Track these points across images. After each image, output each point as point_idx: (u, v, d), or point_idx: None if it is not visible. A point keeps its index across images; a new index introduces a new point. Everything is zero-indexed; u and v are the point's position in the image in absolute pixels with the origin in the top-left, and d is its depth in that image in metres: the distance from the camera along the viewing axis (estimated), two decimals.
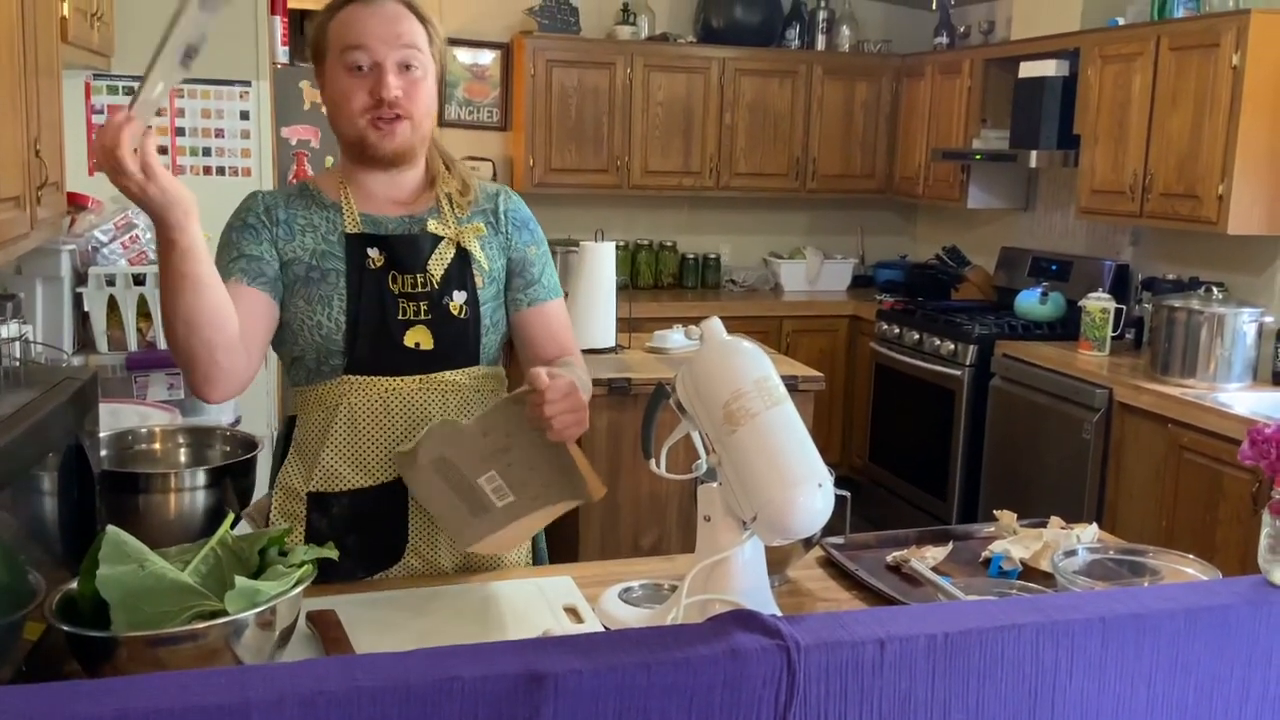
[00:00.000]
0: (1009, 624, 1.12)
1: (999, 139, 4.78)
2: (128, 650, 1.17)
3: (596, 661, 0.99)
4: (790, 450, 1.33)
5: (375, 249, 1.67)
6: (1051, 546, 1.79)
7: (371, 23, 1.62)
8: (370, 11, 1.64)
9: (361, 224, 1.69)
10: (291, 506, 1.70)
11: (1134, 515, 3.55)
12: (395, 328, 1.66)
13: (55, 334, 2.75)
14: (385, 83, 1.61)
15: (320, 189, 1.73)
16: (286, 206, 1.69)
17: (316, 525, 1.68)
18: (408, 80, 1.64)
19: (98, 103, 3.28)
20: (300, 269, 1.66)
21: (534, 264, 1.79)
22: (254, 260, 1.64)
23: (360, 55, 1.62)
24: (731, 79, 5.35)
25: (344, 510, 1.68)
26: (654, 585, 1.65)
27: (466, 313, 1.70)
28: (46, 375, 1.49)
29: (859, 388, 5.31)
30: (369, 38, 1.62)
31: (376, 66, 1.62)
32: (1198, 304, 3.54)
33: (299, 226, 1.68)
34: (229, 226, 1.70)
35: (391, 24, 1.63)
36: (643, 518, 3.36)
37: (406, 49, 1.63)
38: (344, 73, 1.63)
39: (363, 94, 1.62)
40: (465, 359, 1.71)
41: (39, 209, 2.18)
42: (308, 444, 1.70)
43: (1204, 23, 3.65)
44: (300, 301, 1.65)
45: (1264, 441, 1.28)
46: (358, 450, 1.68)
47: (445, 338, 1.69)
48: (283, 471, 1.72)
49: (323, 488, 1.68)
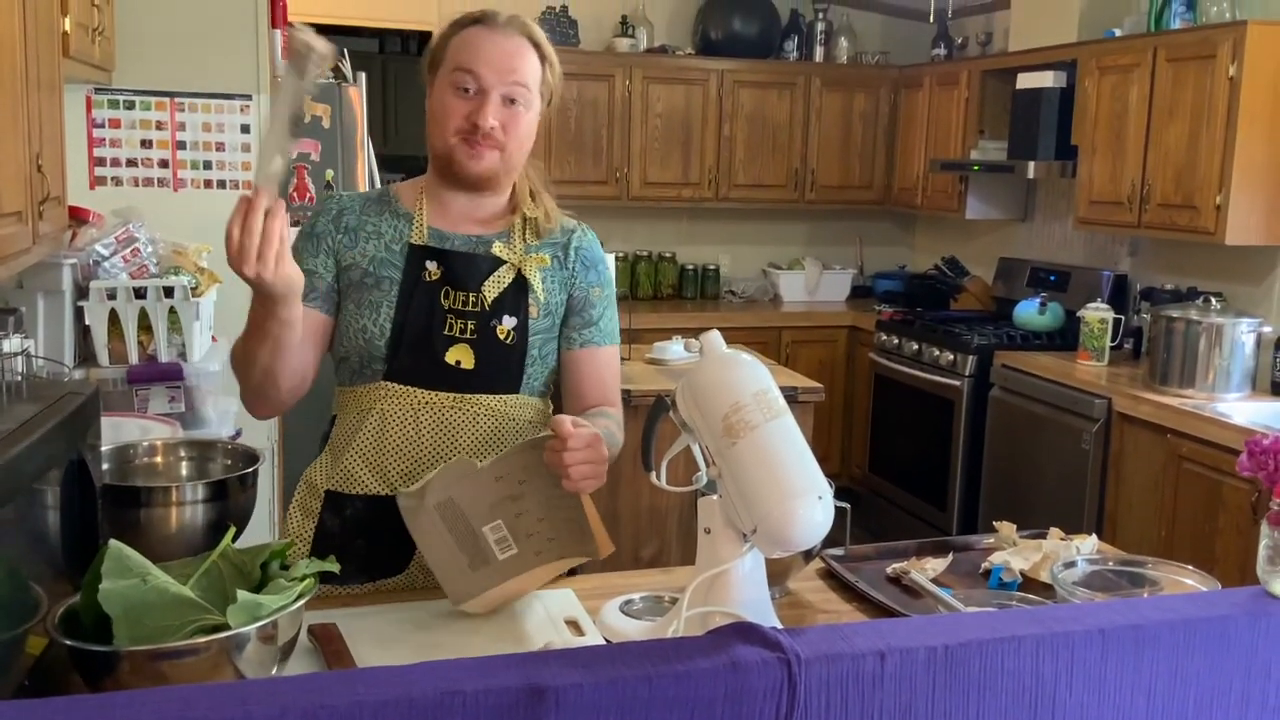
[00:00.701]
0: (1009, 636, 1.13)
1: (997, 150, 4.79)
2: (130, 664, 1.17)
3: (598, 675, 0.99)
4: (790, 463, 1.33)
5: (434, 262, 1.69)
6: (1051, 558, 1.79)
7: (488, 50, 1.65)
8: (491, 38, 1.66)
9: (428, 236, 1.71)
10: (310, 501, 1.73)
11: (1133, 525, 3.55)
12: (439, 342, 1.67)
13: (56, 348, 2.75)
14: (485, 112, 1.63)
15: (398, 197, 1.76)
16: (360, 212, 1.73)
17: (328, 524, 1.71)
18: (509, 113, 1.66)
19: (98, 116, 3.29)
20: (356, 274, 1.69)
21: (594, 305, 1.78)
22: (310, 275, 1.66)
23: (468, 79, 1.64)
24: (730, 90, 5.37)
25: (356, 513, 1.70)
26: (654, 598, 1.65)
27: (514, 339, 1.70)
28: (49, 390, 1.50)
29: (858, 398, 5.31)
30: (481, 65, 1.64)
31: (481, 93, 1.64)
32: (1196, 314, 3.55)
33: (366, 233, 1.71)
34: (301, 229, 1.74)
35: (508, 56, 1.65)
36: (642, 530, 3.37)
37: (515, 85, 1.65)
38: (450, 90, 1.65)
39: (460, 115, 1.64)
40: (506, 385, 1.71)
41: (41, 224, 2.18)
42: (339, 442, 1.73)
43: (1200, 34, 3.67)
44: (351, 305, 1.69)
45: (1262, 453, 1.29)
46: (380, 457, 1.69)
47: (487, 360, 1.69)
48: (311, 465, 1.75)
49: (340, 487, 1.70)
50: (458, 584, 1.57)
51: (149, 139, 3.33)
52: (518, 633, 1.55)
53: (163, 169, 3.35)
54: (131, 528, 1.55)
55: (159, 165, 3.35)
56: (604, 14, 5.44)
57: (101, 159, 3.31)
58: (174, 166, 3.35)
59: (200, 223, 3.32)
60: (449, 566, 1.57)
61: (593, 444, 1.48)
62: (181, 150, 3.36)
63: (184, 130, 3.36)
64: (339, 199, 1.76)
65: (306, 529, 1.72)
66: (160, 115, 3.33)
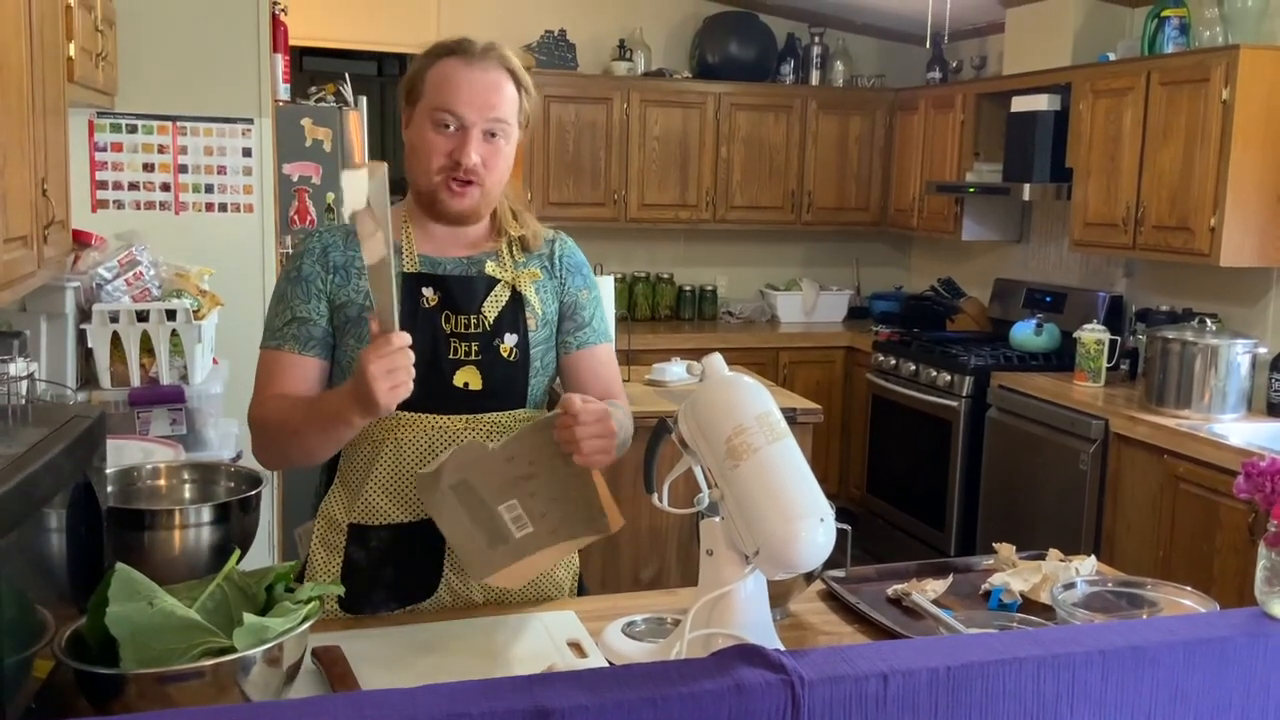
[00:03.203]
0: (1010, 657, 1.14)
1: (992, 172, 4.82)
2: (137, 687, 1.18)
3: (603, 697, 1.00)
4: (792, 485, 1.34)
5: (430, 288, 1.70)
6: (1050, 579, 1.80)
7: (467, 87, 1.64)
8: (469, 74, 1.65)
9: (419, 264, 1.71)
10: (332, 537, 1.73)
11: (1131, 546, 3.55)
12: (446, 367, 1.69)
13: (59, 370, 2.76)
14: (467, 151, 1.64)
15: None
16: (345, 247, 1.72)
17: (355, 557, 1.70)
18: (489, 148, 1.67)
19: (101, 140, 3.31)
20: (353, 310, 1.69)
21: (585, 307, 1.82)
22: (304, 324, 1.69)
23: (449, 118, 1.64)
24: (727, 114, 5.41)
25: (382, 543, 1.70)
26: (657, 619, 1.66)
27: (517, 355, 1.73)
28: (55, 414, 1.51)
29: (856, 419, 5.33)
30: (462, 104, 1.64)
31: (463, 130, 1.65)
32: (1192, 335, 3.57)
33: (356, 269, 1.70)
34: (285, 274, 1.73)
35: (487, 92, 1.65)
36: (643, 551, 3.37)
37: (495, 121, 1.66)
38: (430, 126, 1.66)
39: (443, 153, 1.65)
40: (513, 401, 1.74)
41: (46, 248, 2.20)
42: (352, 476, 1.72)
43: (1194, 58, 3.70)
44: (352, 341, 1.69)
45: (1259, 475, 1.30)
46: (400, 486, 1.70)
47: (494, 379, 1.71)
48: (326, 501, 1.74)
49: (363, 520, 1.70)
50: (477, 560, 1.59)
51: (151, 163, 3.35)
52: (520, 655, 1.56)
53: (165, 192, 3.37)
54: (136, 550, 1.56)
55: (161, 189, 3.37)
56: (602, 37, 5.48)
57: (104, 182, 3.33)
58: (176, 190, 3.37)
59: (202, 246, 3.34)
60: (468, 544, 1.58)
61: (602, 418, 1.52)
62: (183, 174, 3.38)
63: (185, 154, 3.38)
64: (319, 236, 1.75)
65: (333, 564, 1.71)
66: (162, 139, 3.35)
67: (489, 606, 1.74)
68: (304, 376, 1.68)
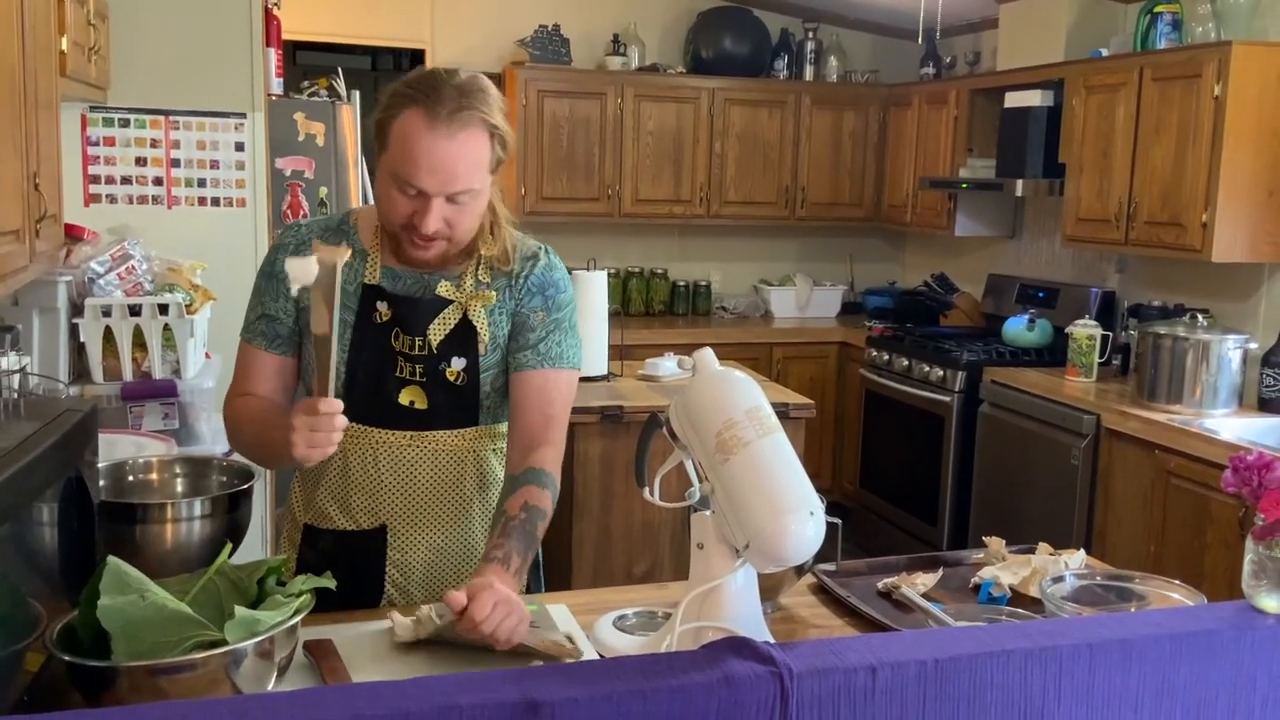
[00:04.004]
0: (998, 650, 1.14)
1: (985, 168, 4.83)
2: (128, 680, 1.18)
3: (593, 689, 1.01)
4: (782, 479, 1.35)
5: (384, 303, 1.69)
6: (1040, 573, 1.81)
7: (428, 161, 1.54)
8: (433, 143, 1.54)
9: (380, 276, 1.70)
10: (291, 533, 1.80)
11: (1122, 540, 3.57)
12: (391, 384, 1.68)
13: (51, 365, 2.75)
14: (426, 221, 1.57)
15: (358, 231, 1.73)
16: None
17: (306, 556, 1.75)
18: (454, 210, 1.59)
19: (93, 134, 3.30)
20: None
21: (533, 329, 1.72)
22: (272, 321, 1.71)
23: (409, 187, 1.57)
24: (721, 109, 5.41)
25: (329, 547, 1.74)
26: (648, 613, 1.66)
27: (464, 380, 1.69)
28: (47, 407, 1.51)
29: (849, 414, 5.33)
30: (423, 177, 1.55)
31: (424, 197, 1.57)
32: (1183, 330, 3.58)
33: None
34: (262, 268, 1.75)
35: (450, 164, 1.55)
36: (635, 545, 3.37)
37: (459, 192, 1.58)
38: (392, 183, 1.58)
39: (404, 214, 1.59)
40: (463, 420, 1.72)
41: (38, 242, 2.19)
42: (308, 478, 1.78)
43: (1186, 54, 3.71)
44: (309, 346, 1.68)
45: (1246, 469, 1.31)
46: (346, 495, 1.73)
47: (440, 401, 1.69)
48: (290, 495, 1.81)
49: (314, 522, 1.77)
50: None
51: (144, 157, 3.35)
52: None
53: (157, 186, 3.36)
54: (128, 544, 1.56)
55: (153, 183, 3.36)
56: (596, 32, 5.47)
57: (96, 176, 3.32)
58: (168, 184, 3.36)
59: (195, 240, 3.34)
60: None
61: (501, 602, 1.39)
62: (176, 168, 3.37)
63: (178, 148, 3.37)
64: (297, 231, 1.73)
65: (290, 560, 1.73)
66: (155, 133, 3.34)
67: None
68: (271, 373, 1.72)
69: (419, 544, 1.73)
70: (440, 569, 1.75)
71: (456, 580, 1.73)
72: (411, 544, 1.73)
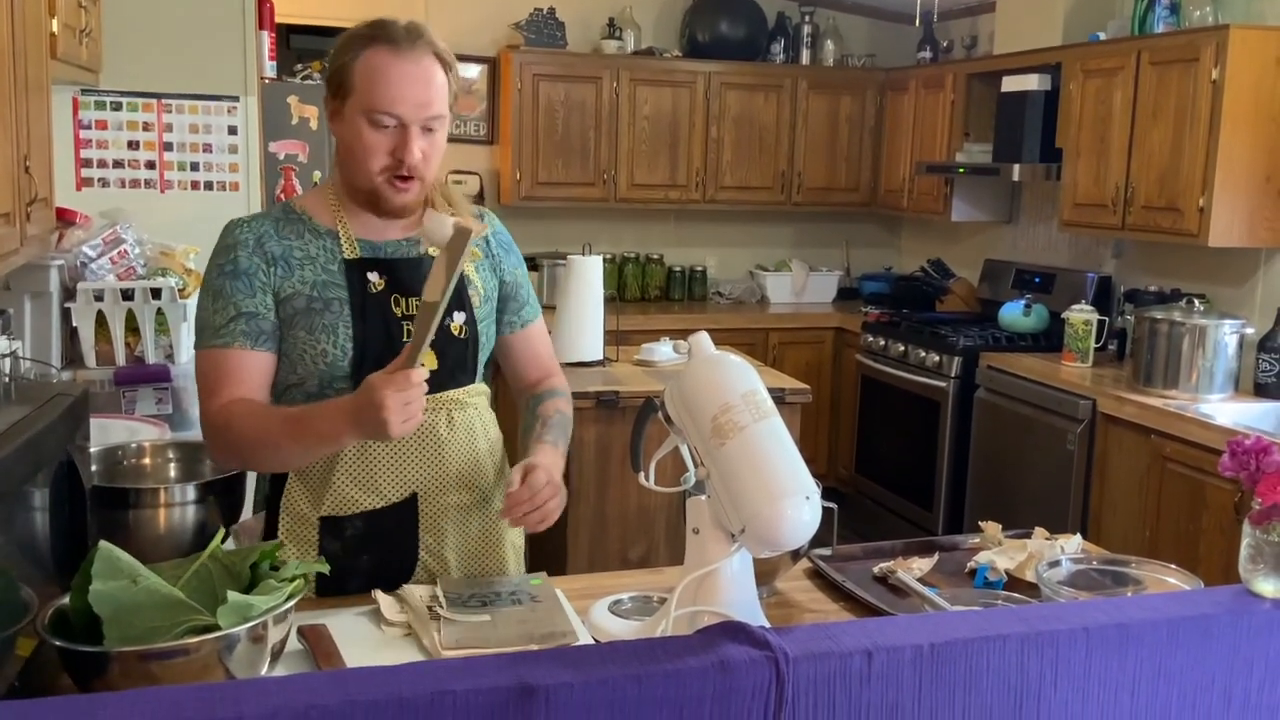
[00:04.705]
0: (994, 634, 1.14)
1: (982, 152, 4.82)
2: (120, 665, 1.17)
3: (587, 674, 1.00)
4: (778, 463, 1.34)
5: (375, 273, 1.68)
6: (1036, 557, 1.81)
7: (402, 86, 1.60)
8: (401, 69, 1.60)
9: (360, 249, 1.69)
10: (302, 531, 1.69)
11: (1118, 525, 3.57)
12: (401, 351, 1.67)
13: (44, 349, 2.74)
14: (410, 149, 1.61)
15: (311, 214, 1.71)
16: (279, 237, 1.67)
17: (329, 549, 1.67)
18: (427, 142, 1.64)
19: (85, 118, 3.28)
20: (300, 302, 1.65)
21: (522, 286, 1.85)
22: (252, 319, 1.63)
23: (388, 119, 1.61)
24: (717, 93, 5.38)
25: (357, 532, 1.69)
26: (643, 597, 1.66)
27: (466, 333, 1.73)
28: (38, 391, 1.50)
29: (845, 399, 5.33)
30: (400, 104, 1.60)
31: (402, 128, 1.61)
32: (1180, 316, 3.57)
33: (296, 260, 1.66)
34: (218, 268, 1.65)
35: (422, 87, 1.61)
36: (630, 530, 3.37)
37: (433, 117, 1.63)
38: (367, 125, 1.62)
39: (384, 152, 1.62)
40: (465, 377, 1.75)
41: (29, 225, 2.18)
42: (313, 470, 1.68)
43: (1184, 38, 3.70)
44: (301, 332, 1.64)
45: (1244, 453, 1.31)
46: (369, 473, 1.68)
47: (448, 358, 1.71)
48: (286, 496, 1.69)
49: (335, 511, 1.68)
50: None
51: (136, 140, 3.32)
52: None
53: (150, 170, 3.35)
54: (120, 529, 1.56)
55: (146, 166, 3.34)
56: (591, 16, 5.44)
57: (88, 160, 3.30)
58: (161, 168, 3.35)
59: (187, 224, 3.32)
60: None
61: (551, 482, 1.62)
62: (168, 151, 3.35)
63: (171, 131, 3.35)
64: (248, 226, 1.68)
65: (308, 558, 1.67)
66: (147, 116, 3.32)
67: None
68: (259, 372, 1.64)
69: (448, 506, 1.73)
70: (468, 528, 1.77)
71: (484, 537, 1.78)
72: (441, 508, 1.73)
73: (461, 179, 5.19)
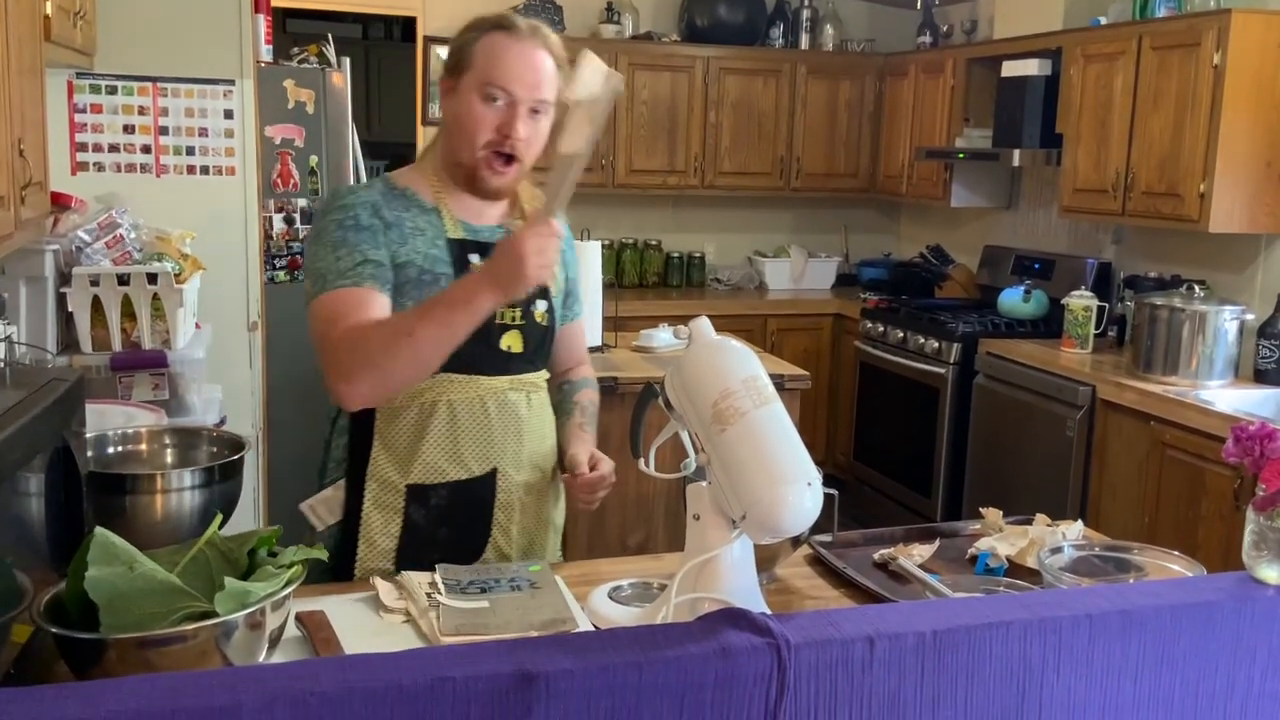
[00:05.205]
0: (997, 621, 1.13)
1: (982, 138, 4.80)
2: (117, 652, 1.16)
3: (588, 661, 0.99)
4: (779, 449, 1.34)
5: (476, 255, 1.75)
6: (1037, 543, 1.80)
7: (517, 64, 1.70)
8: (518, 52, 1.71)
9: (462, 230, 1.77)
10: (388, 499, 1.75)
11: (1116, 512, 3.57)
12: (494, 331, 1.75)
13: (39, 334, 2.73)
14: (515, 125, 1.69)
15: (415, 191, 1.78)
16: (389, 207, 1.73)
17: (414, 517, 1.75)
18: (532, 126, 1.72)
19: (80, 102, 3.25)
20: (413, 271, 1.71)
21: (578, 283, 1.99)
22: (380, 267, 1.68)
23: (499, 93, 1.69)
24: (716, 78, 5.36)
25: (441, 501, 1.76)
26: (643, 584, 1.65)
27: (547, 319, 1.84)
28: (33, 376, 1.49)
29: (843, 386, 5.32)
30: (513, 80, 1.69)
31: (511, 105, 1.69)
32: (1180, 302, 3.57)
33: (409, 230, 1.73)
34: (337, 224, 1.70)
35: (535, 70, 1.71)
36: (629, 517, 3.37)
37: (540, 101, 1.72)
38: (479, 99, 1.70)
39: (491, 127, 1.70)
40: (542, 361, 1.86)
41: (23, 209, 2.16)
42: (400, 438, 1.74)
43: (1185, 22, 3.68)
44: (409, 302, 1.70)
45: (1248, 439, 1.30)
46: (456, 445, 1.75)
47: (531, 341, 1.80)
48: (374, 464, 1.75)
49: (422, 480, 1.74)
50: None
51: (131, 124, 3.30)
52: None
53: (145, 154, 3.32)
54: (117, 515, 1.55)
55: (141, 151, 3.32)
56: (589, 0, 5.41)
57: (84, 144, 3.28)
58: (156, 152, 3.32)
59: (183, 209, 3.30)
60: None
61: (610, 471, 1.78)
62: (164, 136, 3.33)
63: (166, 115, 3.33)
64: (363, 192, 1.75)
65: (392, 526, 1.75)
66: (143, 100, 3.30)
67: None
68: (382, 310, 1.66)
69: (519, 484, 1.81)
70: (530, 507, 1.85)
71: (539, 517, 1.87)
72: (514, 485, 1.81)
73: None
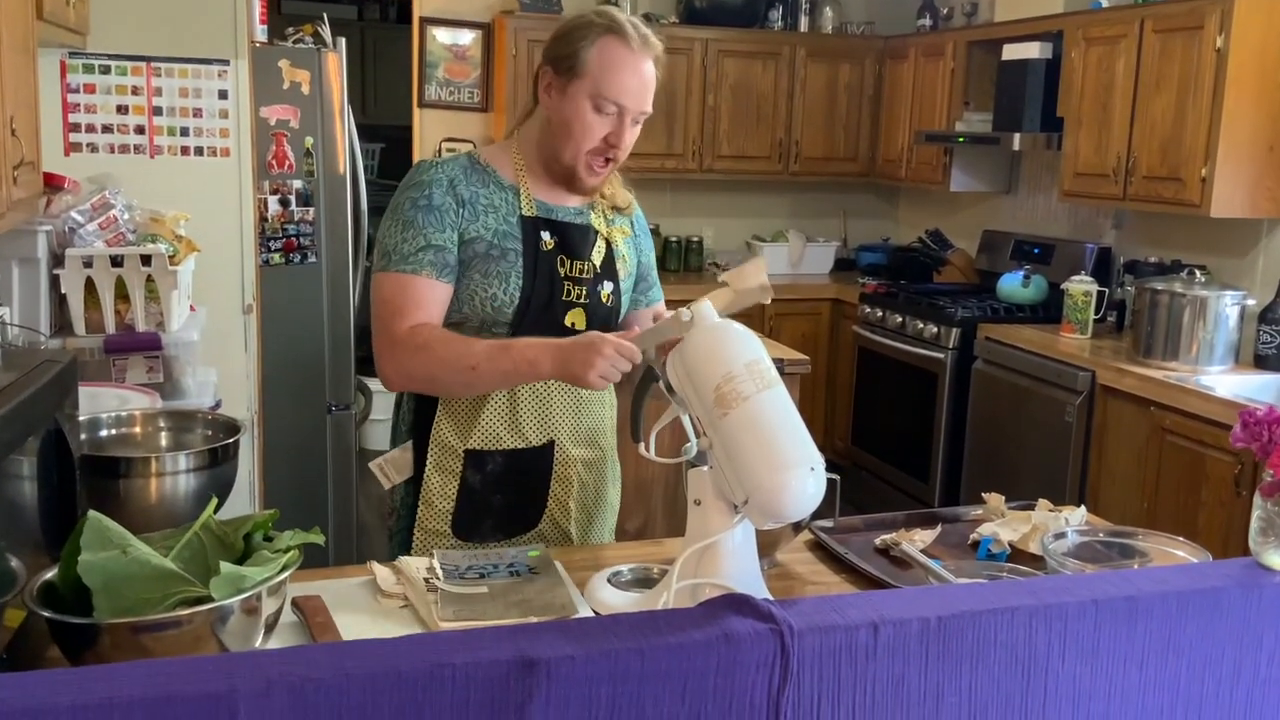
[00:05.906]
0: (1002, 607, 1.12)
1: (982, 122, 4.77)
2: (111, 637, 1.15)
3: (589, 647, 0.98)
4: (782, 434, 1.32)
5: (548, 233, 1.82)
6: (1040, 529, 1.79)
7: (633, 81, 1.76)
8: (632, 67, 1.76)
9: (536, 209, 1.83)
10: (448, 462, 1.81)
11: (1116, 498, 3.56)
12: (559, 307, 1.82)
13: (32, 316, 2.70)
14: (623, 137, 1.79)
15: (496, 169, 1.84)
16: (467, 183, 1.80)
17: (470, 481, 1.80)
18: (634, 133, 1.82)
19: (73, 81, 3.22)
20: (481, 246, 1.78)
21: (652, 269, 2.03)
22: (440, 251, 1.75)
23: (613, 107, 1.76)
24: (714, 60, 5.32)
25: (498, 468, 1.81)
26: (643, 570, 1.64)
27: (613, 301, 1.89)
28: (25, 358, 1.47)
29: (841, 371, 5.31)
30: (626, 96, 1.76)
31: (620, 115, 1.77)
32: (1180, 287, 3.55)
33: (482, 206, 1.80)
34: (411, 201, 1.78)
35: (646, 87, 1.78)
36: (628, 502, 3.34)
37: (644, 112, 1.80)
38: (590, 108, 1.76)
39: (599, 136, 1.77)
40: None
41: (14, 189, 2.14)
42: (462, 405, 1.80)
43: (1188, 5, 3.65)
44: (476, 275, 1.78)
45: (1256, 424, 1.28)
46: (515, 414, 1.80)
47: (595, 321, 1.85)
48: (436, 428, 1.81)
49: (480, 446, 1.80)
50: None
51: (125, 105, 3.27)
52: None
53: (139, 135, 3.29)
54: (111, 499, 1.53)
55: (135, 131, 3.29)
56: None
57: (77, 125, 3.24)
58: (150, 133, 3.29)
59: (178, 190, 3.27)
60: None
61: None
62: (158, 116, 3.29)
63: (160, 96, 3.29)
64: (442, 167, 1.81)
65: (449, 488, 1.81)
66: (136, 80, 3.26)
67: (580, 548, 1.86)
68: (439, 302, 1.76)
69: (577, 459, 1.86)
70: (587, 483, 1.90)
71: (597, 495, 1.94)
72: (572, 459, 1.86)
73: (454, 147, 5.14)
